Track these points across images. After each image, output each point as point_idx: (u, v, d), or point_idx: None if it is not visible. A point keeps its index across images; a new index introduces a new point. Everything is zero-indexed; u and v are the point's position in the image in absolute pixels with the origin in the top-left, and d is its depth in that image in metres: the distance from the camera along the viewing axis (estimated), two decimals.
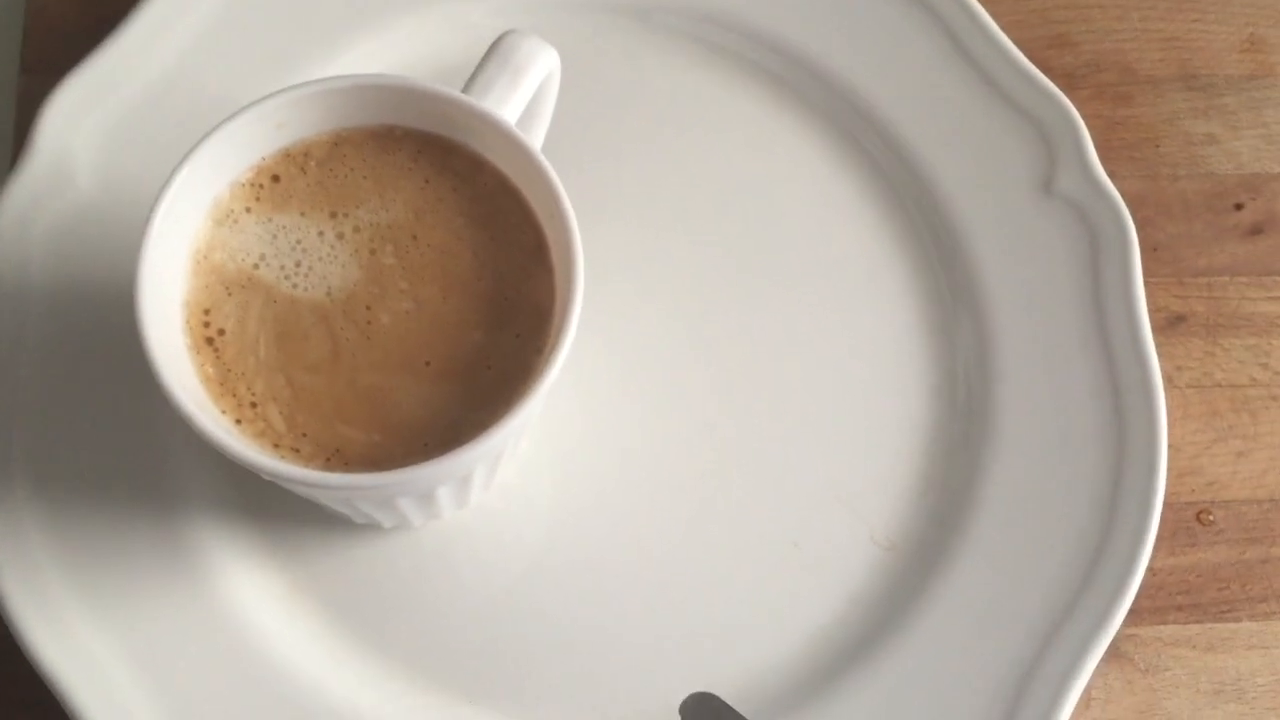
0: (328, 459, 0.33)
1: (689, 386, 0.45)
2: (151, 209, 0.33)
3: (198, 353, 0.34)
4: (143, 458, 0.41)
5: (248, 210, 0.36)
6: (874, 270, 0.47)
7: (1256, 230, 0.51)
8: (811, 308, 0.46)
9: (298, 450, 0.33)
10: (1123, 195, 0.47)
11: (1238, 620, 0.46)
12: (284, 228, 0.35)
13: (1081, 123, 0.47)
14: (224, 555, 0.41)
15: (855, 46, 0.49)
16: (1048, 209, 0.47)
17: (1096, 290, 0.46)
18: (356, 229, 0.36)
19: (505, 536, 0.43)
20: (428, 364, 0.34)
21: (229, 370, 0.34)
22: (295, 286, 0.35)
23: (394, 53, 0.47)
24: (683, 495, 0.44)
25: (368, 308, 0.35)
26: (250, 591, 0.41)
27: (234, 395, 0.34)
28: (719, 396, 0.45)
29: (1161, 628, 0.45)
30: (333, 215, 0.36)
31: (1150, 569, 0.43)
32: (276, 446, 0.33)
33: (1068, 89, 0.52)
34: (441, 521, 0.42)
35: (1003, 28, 0.49)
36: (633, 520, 0.43)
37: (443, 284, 0.35)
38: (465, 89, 0.37)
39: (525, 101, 0.37)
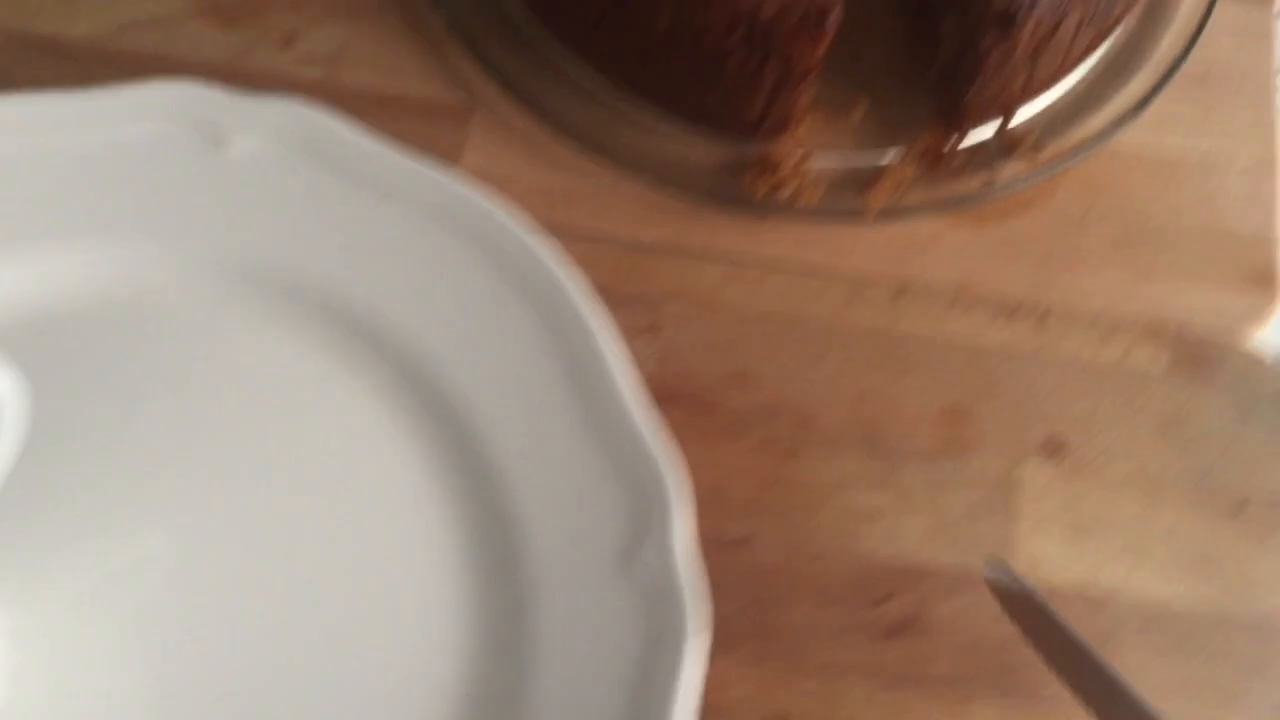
0: None
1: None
2: None
3: None
4: None
5: None
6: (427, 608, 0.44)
7: (896, 631, 0.46)
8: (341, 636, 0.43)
9: None
10: (758, 566, 0.43)
11: None
12: None
13: (676, 500, 0.43)
14: None
15: (470, 365, 0.46)
16: (621, 585, 0.43)
17: (645, 689, 0.41)
18: None
19: None
20: None
21: None
22: None
23: None
24: None
25: None
26: None
27: None
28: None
29: None
30: None
31: None
32: None
33: (733, 435, 0.48)
34: None
35: (681, 350, 0.46)
36: None
37: None
38: None
39: None
